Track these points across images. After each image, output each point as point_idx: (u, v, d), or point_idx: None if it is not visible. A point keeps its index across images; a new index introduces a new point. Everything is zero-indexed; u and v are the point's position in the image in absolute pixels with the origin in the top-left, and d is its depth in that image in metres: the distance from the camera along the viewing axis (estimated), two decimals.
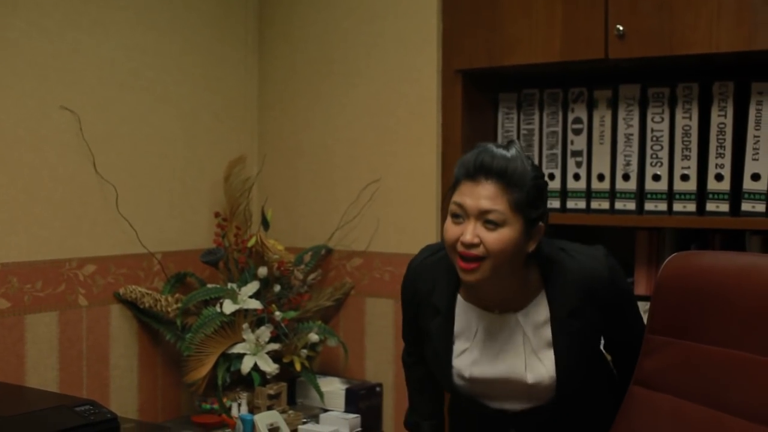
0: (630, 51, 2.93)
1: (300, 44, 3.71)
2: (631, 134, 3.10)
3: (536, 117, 3.28)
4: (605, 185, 3.15)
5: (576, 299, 2.27)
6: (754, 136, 2.88)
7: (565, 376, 2.28)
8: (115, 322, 3.34)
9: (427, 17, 3.36)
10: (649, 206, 3.07)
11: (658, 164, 3.06)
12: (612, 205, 3.14)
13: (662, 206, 3.05)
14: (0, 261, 3.01)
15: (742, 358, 1.97)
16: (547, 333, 2.29)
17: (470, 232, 2.15)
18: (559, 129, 3.24)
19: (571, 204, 3.22)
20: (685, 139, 3.01)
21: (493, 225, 2.14)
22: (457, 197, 2.20)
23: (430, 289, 2.38)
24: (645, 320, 2.32)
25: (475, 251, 2.15)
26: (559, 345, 2.27)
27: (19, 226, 3.06)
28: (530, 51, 3.11)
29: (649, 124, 3.08)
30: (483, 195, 2.16)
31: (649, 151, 3.08)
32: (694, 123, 3.00)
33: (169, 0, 3.51)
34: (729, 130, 2.94)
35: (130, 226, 3.35)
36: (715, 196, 2.96)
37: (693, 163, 3.00)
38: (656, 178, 3.06)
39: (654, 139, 3.07)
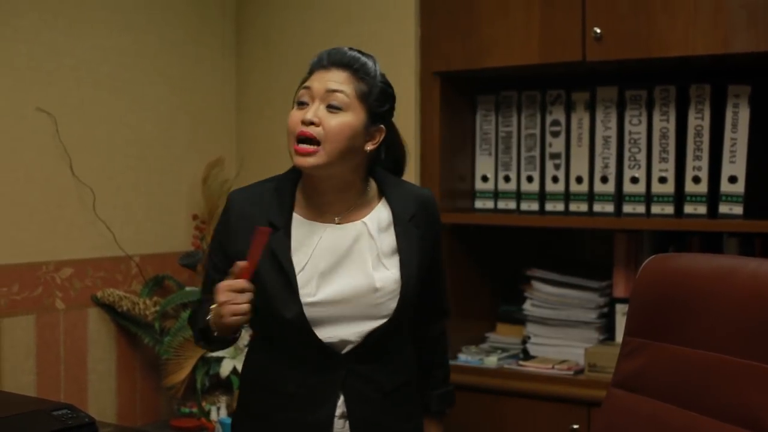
0: (607, 53, 2.94)
1: (278, 46, 3.71)
2: (609, 137, 3.11)
3: (514, 119, 3.29)
4: (583, 188, 3.16)
5: (413, 207, 2.35)
6: (731, 139, 2.90)
7: (408, 280, 2.28)
8: (93, 325, 3.32)
9: (405, 19, 3.36)
10: (627, 209, 3.08)
11: (636, 167, 3.07)
12: (590, 207, 3.15)
13: (640, 209, 3.06)
14: None
15: (720, 360, 1.97)
16: (391, 237, 2.31)
17: (312, 111, 2.20)
18: (537, 131, 3.25)
19: (549, 206, 3.23)
20: (663, 141, 3.02)
21: (335, 110, 2.20)
22: (306, 83, 2.27)
23: (263, 210, 2.30)
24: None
25: (312, 131, 2.18)
26: (403, 247, 2.30)
27: None
28: (508, 53, 3.12)
29: (627, 127, 3.09)
30: (332, 78, 2.24)
31: (627, 154, 3.09)
32: (672, 125, 3.01)
33: (146, 1, 3.49)
34: (706, 132, 2.95)
35: (108, 229, 3.34)
36: (693, 199, 2.97)
37: (671, 165, 3.01)
38: (634, 180, 3.07)
39: (632, 141, 3.08)
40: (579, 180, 3.17)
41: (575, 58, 2.99)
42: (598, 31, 2.93)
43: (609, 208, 3.12)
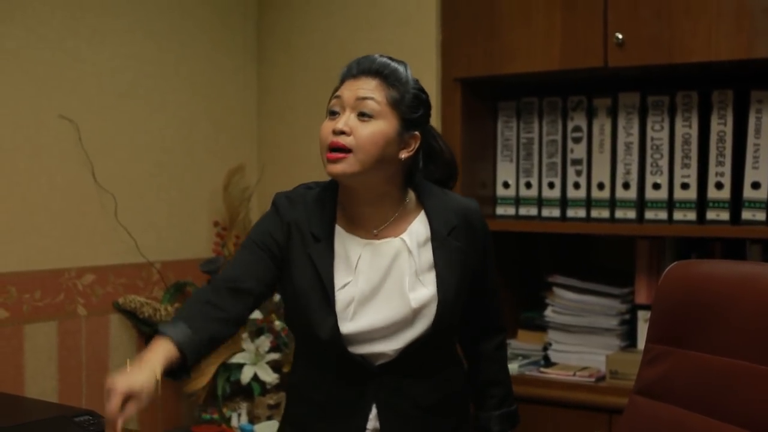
0: (629, 59, 2.93)
1: (299, 52, 3.71)
2: (631, 143, 3.10)
3: (536, 125, 3.28)
4: (605, 194, 3.15)
5: (455, 220, 2.29)
6: (754, 144, 2.88)
7: (445, 296, 2.22)
8: (115, 331, 3.33)
9: (426, 25, 3.36)
10: (649, 215, 3.07)
11: (658, 173, 3.06)
12: (612, 214, 3.14)
13: (662, 215, 3.05)
14: None
15: (743, 367, 1.96)
16: (428, 253, 2.25)
17: (343, 121, 2.15)
18: (559, 137, 3.24)
19: (571, 213, 3.22)
20: (685, 147, 3.01)
21: (367, 117, 2.15)
22: (336, 92, 2.22)
23: (306, 220, 2.26)
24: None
25: (343, 140, 2.14)
26: (440, 263, 2.24)
27: (17, 235, 3.06)
28: (529, 59, 3.11)
29: (649, 133, 3.07)
30: (362, 86, 2.18)
31: (649, 160, 3.08)
32: (694, 131, 3.00)
33: (168, 8, 3.51)
34: (729, 138, 2.94)
35: (129, 236, 3.35)
36: (716, 205, 2.96)
37: (693, 171, 3.00)
38: (656, 186, 3.06)
39: (654, 147, 3.06)
40: (601, 186, 3.16)
41: (597, 64, 2.98)
42: (620, 36, 2.92)
43: (631, 214, 3.10)
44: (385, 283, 2.23)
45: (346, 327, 2.20)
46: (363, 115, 2.16)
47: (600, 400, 2.99)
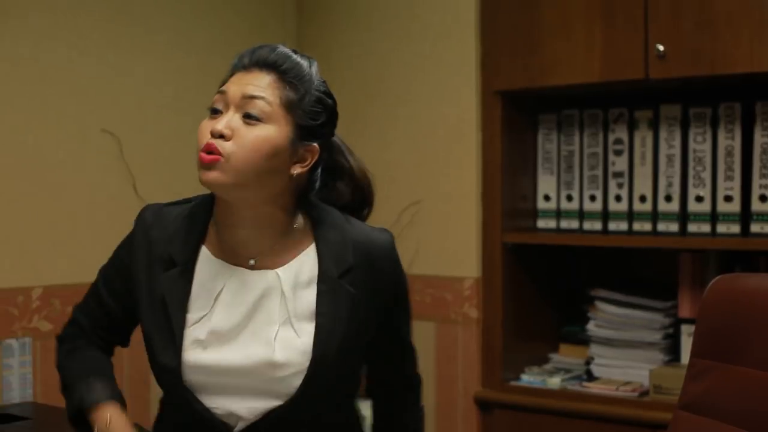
0: (670, 71, 2.91)
1: (338, 67, 3.72)
2: (673, 155, 3.08)
3: (576, 138, 3.26)
4: (647, 207, 3.13)
5: (351, 258, 1.87)
6: None
7: (323, 354, 1.81)
8: None
9: (466, 38, 3.36)
10: (692, 228, 3.04)
11: (701, 185, 3.03)
12: (654, 226, 3.11)
13: (705, 228, 3.02)
14: (42, 284, 3.03)
15: None
16: (311, 296, 1.84)
17: (224, 121, 1.78)
18: (600, 150, 3.22)
19: (612, 226, 3.20)
20: (728, 159, 2.98)
21: (254, 120, 1.78)
22: (221, 87, 1.87)
23: (167, 239, 1.89)
24: None
25: (220, 145, 1.76)
26: (323, 310, 1.83)
27: (60, 248, 3.08)
28: (570, 71, 3.10)
29: (691, 145, 3.05)
30: (252, 81, 1.82)
31: (691, 172, 3.05)
32: (737, 143, 2.97)
33: (208, 22, 3.53)
34: None
35: None
36: (760, 218, 2.92)
37: (736, 183, 2.97)
38: (699, 199, 3.03)
39: (696, 159, 3.04)
40: (642, 199, 3.14)
41: (638, 75, 2.97)
42: (661, 48, 2.90)
43: (673, 227, 3.08)
44: (249, 323, 1.84)
45: (191, 355, 1.82)
46: (249, 117, 1.78)
47: (644, 416, 2.97)
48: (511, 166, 3.30)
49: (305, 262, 1.87)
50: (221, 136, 1.77)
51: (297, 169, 1.83)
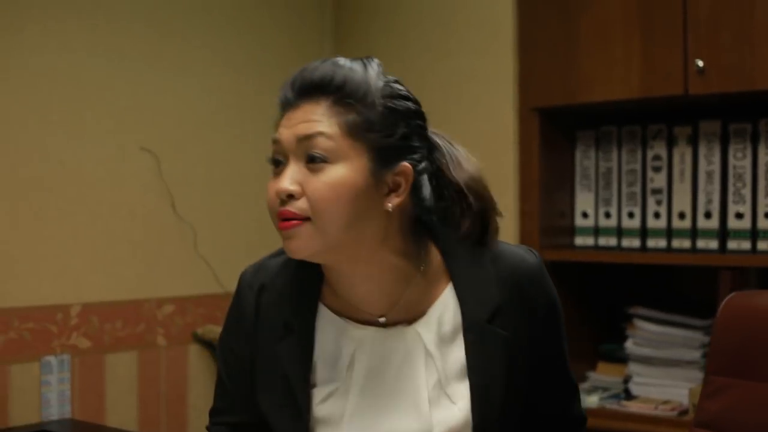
0: (710, 86, 2.89)
1: None
2: (712, 171, 3.05)
3: (615, 154, 3.24)
4: (686, 224, 3.10)
5: (498, 295, 1.57)
6: None
7: (484, 418, 1.54)
8: (194, 362, 3.35)
9: (504, 54, 3.35)
10: (732, 245, 3.01)
11: (741, 202, 3.00)
12: (694, 244, 3.08)
13: (746, 245, 2.98)
14: (81, 301, 3.06)
15: None
16: (459, 351, 1.55)
17: (287, 177, 1.49)
18: (639, 167, 3.19)
19: (651, 243, 3.17)
20: None
21: (319, 162, 1.47)
22: (275, 134, 1.57)
23: (277, 301, 1.61)
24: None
25: (294, 207, 1.48)
26: (476, 367, 1.54)
27: (99, 266, 3.10)
28: (608, 87, 3.08)
29: (731, 161, 3.02)
30: (302, 118, 1.50)
31: (731, 189, 3.02)
32: None
33: (247, 41, 3.55)
34: None
35: (208, 266, 3.37)
36: None
37: None
38: (739, 216, 3.00)
39: (736, 176, 3.01)
40: (682, 216, 3.11)
41: (677, 91, 2.94)
42: (701, 63, 2.88)
43: (713, 244, 3.05)
44: (393, 393, 1.55)
45: None
46: (313, 161, 1.48)
47: None
48: (549, 182, 3.29)
49: (445, 310, 1.57)
50: (291, 196, 1.49)
51: (393, 200, 1.51)
